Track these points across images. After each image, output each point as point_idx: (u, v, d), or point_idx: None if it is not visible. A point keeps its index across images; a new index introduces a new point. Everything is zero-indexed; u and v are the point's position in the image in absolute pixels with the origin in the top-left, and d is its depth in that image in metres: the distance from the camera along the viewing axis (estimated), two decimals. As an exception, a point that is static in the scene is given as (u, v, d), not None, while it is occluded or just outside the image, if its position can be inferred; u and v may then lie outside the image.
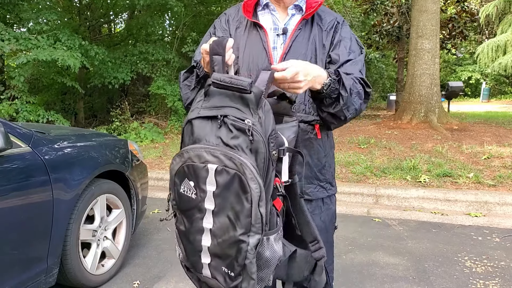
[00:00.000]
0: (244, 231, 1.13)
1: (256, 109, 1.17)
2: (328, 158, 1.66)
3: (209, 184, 1.13)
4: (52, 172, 2.51)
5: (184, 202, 1.18)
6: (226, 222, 1.14)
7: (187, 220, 1.19)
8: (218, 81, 1.18)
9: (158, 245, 3.75)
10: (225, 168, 1.12)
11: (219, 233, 1.15)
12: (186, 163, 1.16)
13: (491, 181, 5.07)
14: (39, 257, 2.46)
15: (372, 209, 4.72)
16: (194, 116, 1.20)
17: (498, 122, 9.59)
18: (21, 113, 7.96)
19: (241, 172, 1.11)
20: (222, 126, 1.16)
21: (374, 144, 7.18)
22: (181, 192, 1.18)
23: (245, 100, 1.18)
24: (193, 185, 1.16)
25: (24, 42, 7.75)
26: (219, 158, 1.12)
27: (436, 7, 8.80)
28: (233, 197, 1.13)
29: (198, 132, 1.18)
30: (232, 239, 1.14)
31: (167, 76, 10.75)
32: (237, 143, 1.14)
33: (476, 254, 3.52)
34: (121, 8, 12.88)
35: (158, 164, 6.76)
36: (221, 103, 1.19)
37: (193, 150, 1.15)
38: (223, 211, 1.14)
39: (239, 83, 1.16)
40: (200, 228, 1.17)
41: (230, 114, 1.16)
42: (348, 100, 1.42)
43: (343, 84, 1.40)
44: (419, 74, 8.83)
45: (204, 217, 1.16)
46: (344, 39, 1.59)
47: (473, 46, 27.99)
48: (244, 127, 1.14)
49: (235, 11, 1.70)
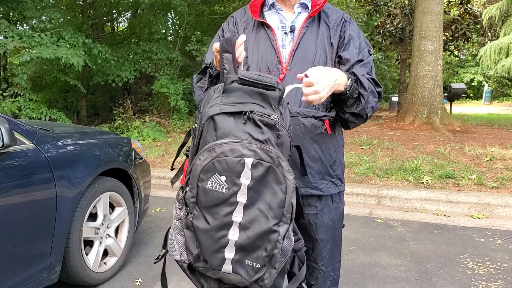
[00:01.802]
0: (277, 221, 1.17)
1: (277, 106, 1.22)
2: (339, 154, 1.68)
3: (244, 178, 1.14)
4: (55, 169, 2.52)
5: (211, 197, 1.16)
6: (258, 214, 1.15)
7: (211, 216, 1.17)
8: (246, 77, 1.20)
9: (160, 243, 3.75)
10: (260, 161, 1.14)
11: (249, 225, 1.16)
12: (217, 158, 1.15)
13: (494, 183, 5.06)
14: (42, 254, 2.46)
15: (374, 210, 4.72)
16: (216, 112, 1.20)
17: (501, 124, 9.58)
18: (24, 111, 7.97)
19: (276, 164, 1.15)
20: (247, 121, 1.18)
21: (376, 145, 7.17)
22: (208, 188, 1.16)
23: (265, 97, 1.21)
24: (225, 180, 1.15)
25: (28, 40, 7.76)
26: (256, 151, 1.15)
27: (439, 8, 8.79)
28: (267, 189, 1.16)
29: (222, 127, 1.19)
30: (265, 230, 1.16)
31: (170, 75, 10.77)
32: (266, 138, 1.18)
33: (479, 255, 3.51)
34: (124, 7, 12.90)
35: (160, 163, 6.76)
36: (241, 99, 1.21)
37: (226, 145, 1.15)
38: (255, 203, 1.16)
39: (268, 80, 1.20)
40: (228, 222, 1.16)
41: (255, 110, 1.18)
42: (368, 98, 1.48)
43: (362, 84, 1.46)
44: (422, 75, 8.82)
45: (234, 211, 1.16)
46: (353, 38, 1.61)
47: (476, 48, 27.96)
48: (271, 122, 1.18)
49: (242, 13, 1.72)
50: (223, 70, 1.29)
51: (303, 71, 1.51)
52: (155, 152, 7.38)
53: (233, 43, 1.30)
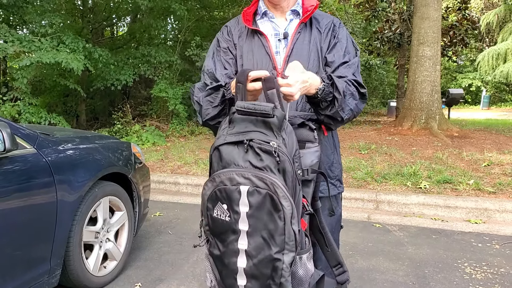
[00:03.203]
0: (279, 249, 1.18)
1: (279, 132, 1.24)
2: (336, 155, 1.71)
3: (242, 205, 1.18)
4: (56, 173, 2.53)
5: (218, 225, 1.21)
6: (261, 241, 1.18)
7: (221, 243, 1.22)
8: (242, 108, 1.25)
9: (159, 248, 3.77)
10: (256, 188, 1.17)
11: (254, 253, 1.19)
12: (218, 187, 1.20)
13: (491, 188, 5.09)
14: (42, 258, 2.47)
15: (373, 215, 4.74)
16: (221, 142, 1.26)
17: (498, 130, 9.62)
18: (24, 115, 8.00)
19: (272, 191, 1.16)
20: (248, 150, 1.22)
21: (374, 149, 7.20)
22: (215, 216, 1.21)
23: (268, 124, 1.25)
24: (226, 208, 1.20)
25: (28, 44, 7.79)
26: (251, 179, 1.18)
27: (437, 14, 8.84)
28: (266, 216, 1.17)
29: (226, 157, 1.24)
30: (268, 258, 1.18)
31: (169, 79, 10.80)
32: (265, 165, 1.20)
33: (476, 260, 3.53)
34: (124, 12, 12.95)
35: (159, 167, 6.78)
36: (246, 128, 1.26)
37: (224, 174, 1.20)
38: (257, 231, 1.18)
39: (262, 108, 1.23)
40: (235, 249, 1.21)
41: (255, 138, 1.22)
42: (342, 102, 1.48)
43: (337, 87, 1.47)
44: (420, 81, 8.86)
45: (238, 239, 1.20)
46: (340, 40, 1.66)
47: (474, 53, 28.10)
48: (270, 149, 1.21)
49: (235, 22, 1.76)
50: (236, 100, 1.35)
51: None
52: (155, 157, 7.40)
53: (246, 75, 1.35)
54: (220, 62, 1.68)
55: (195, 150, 7.87)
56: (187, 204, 5.27)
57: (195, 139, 9.50)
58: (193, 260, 3.50)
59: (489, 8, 26.95)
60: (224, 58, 1.69)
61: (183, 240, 3.95)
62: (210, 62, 1.70)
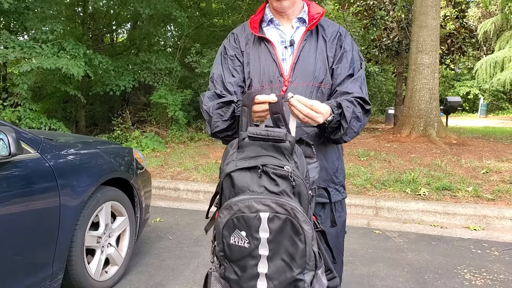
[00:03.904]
0: (301, 270, 1.20)
1: (290, 155, 1.26)
2: (340, 161, 1.74)
3: (262, 232, 1.19)
4: (59, 178, 2.55)
5: (236, 252, 1.21)
6: (282, 264, 1.20)
7: (239, 268, 1.22)
8: (255, 135, 1.25)
9: (160, 253, 3.78)
10: (276, 214, 1.18)
11: (275, 275, 1.20)
12: (235, 215, 1.20)
13: (490, 195, 5.11)
14: (45, 262, 2.48)
15: (372, 221, 4.76)
16: (232, 169, 1.25)
17: (496, 138, 9.66)
18: (24, 120, 8.01)
19: (292, 216, 1.18)
20: (262, 175, 1.22)
21: (373, 156, 7.23)
22: (232, 243, 1.21)
23: (279, 148, 1.25)
24: (245, 235, 1.20)
25: (29, 51, 7.81)
26: (270, 206, 1.18)
27: (436, 23, 8.91)
28: (287, 240, 1.19)
29: (239, 183, 1.23)
30: (290, 280, 1.20)
31: (169, 85, 10.82)
32: (281, 189, 1.21)
33: (476, 267, 3.55)
34: (124, 18, 13.00)
35: (159, 173, 6.79)
36: (255, 153, 1.26)
37: (241, 202, 1.20)
38: (277, 255, 1.19)
39: (275, 134, 1.24)
40: (254, 274, 1.21)
41: (268, 162, 1.22)
42: (348, 130, 1.54)
43: (344, 116, 1.51)
44: (418, 88, 8.91)
45: (258, 263, 1.20)
46: (347, 51, 1.68)
47: (471, 61, 28.26)
48: (285, 173, 1.21)
49: (241, 29, 1.79)
50: (241, 122, 1.36)
51: (304, 82, 1.59)
52: (154, 162, 7.41)
53: (252, 98, 1.37)
54: (228, 69, 1.70)
55: (195, 156, 7.89)
56: (187, 210, 5.28)
57: (195, 145, 9.52)
58: (193, 265, 3.51)
59: (486, 17, 27.13)
60: (231, 65, 1.71)
61: (183, 246, 3.96)
62: (218, 69, 1.72)
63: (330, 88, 1.65)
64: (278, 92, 1.59)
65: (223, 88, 1.66)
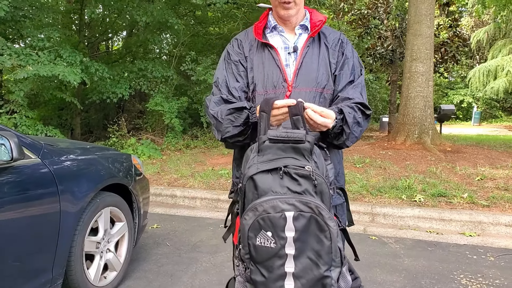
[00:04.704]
0: (327, 267, 1.23)
1: (310, 156, 1.29)
2: (341, 165, 1.77)
3: (288, 231, 1.21)
4: (60, 183, 2.56)
5: (262, 253, 1.23)
6: (308, 262, 1.22)
7: (265, 269, 1.24)
8: (275, 137, 1.29)
9: (158, 259, 3.79)
10: (301, 213, 1.20)
11: (302, 274, 1.22)
12: (260, 216, 1.22)
13: (485, 202, 5.16)
14: (44, 267, 2.49)
15: (369, 227, 4.78)
16: (254, 172, 1.27)
17: (490, 145, 9.74)
18: (20, 127, 8.00)
19: (316, 213, 1.21)
20: (283, 176, 1.25)
21: (369, 163, 7.27)
22: (258, 245, 1.23)
23: (298, 149, 1.29)
24: (271, 235, 1.21)
25: (25, 58, 7.82)
26: (295, 205, 1.21)
27: (430, 31, 9.00)
28: (312, 238, 1.22)
29: (262, 185, 1.26)
30: (317, 277, 1.22)
31: (165, 93, 10.85)
32: (304, 189, 1.24)
33: (472, 272, 3.58)
34: (120, 26, 13.04)
35: (156, 180, 6.79)
36: (276, 155, 1.29)
37: (267, 203, 1.22)
38: (303, 253, 1.21)
39: (295, 136, 1.28)
40: (282, 274, 1.23)
41: (289, 164, 1.26)
42: (350, 135, 1.58)
43: (346, 122, 1.55)
44: (413, 96, 8.98)
45: (285, 263, 1.22)
46: (348, 58, 1.73)
47: (465, 70, 28.51)
48: (306, 173, 1.24)
49: (245, 35, 1.82)
50: (259, 127, 1.39)
51: (307, 88, 1.63)
52: (151, 170, 7.41)
53: (271, 104, 1.40)
54: (232, 74, 1.73)
55: (191, 163, 7.90)
56: (184, 217, 5.28)
57: (191, 152, 9.53)
58: (192, 271, 3.52)
59: (479, 26, 27.43)
60: (236, 71, 1.73)
61: (181, 252, 3.97)
62: (222, 74, 1.74)
63: (332, 94, 1.69)
64: (282, 97, 1.63)
65: (228, 92, 1.69)
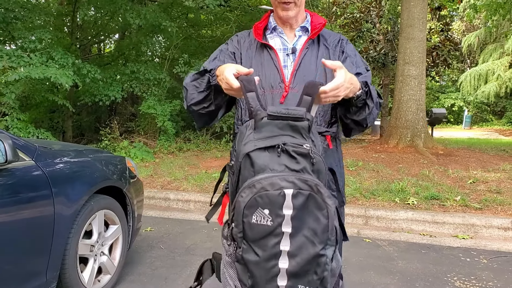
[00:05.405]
0: (323, 245, 1.21)
1: (308, 134, 1.28)
2: (339, 168, 1.76)
3: (286, 209, 1.19)
4: (54, 186, 2.54)
5: (257, 231, 1.20)
6: (304, 241, 1.20)
7: (259, 248, 1.21)
8: (275, 113, 1.27)
9: (151, 262, 3.76)
10: (299, 191, 1.19)
11: (297, 252, 1.20)
12: (258, 193, 1.19)
13: (478, 205, 5.19)
14: (38, 270, 2.46)
15: (362, 230, 4.80)
16: (252, 148, 1.25)
17: (481, 149, 9.81)
18: (11, 130, 7.91)
19: (315, 191, 1.19)
20: (281, 154, 1.23)
21: (362, 166, 7.29)
22: (253, 223, 1.20)
23: (295, 128, 1.27)
24: (268, 213, 1.19)
25: (17, 60, 7.76)
26: (294, 182, 1.19)
27: (422, 35, 9.07)
28: (310, 216, 1.20)
29: (259, 162, 1.23)
30: (312, 255, 1.20)
31: (158, 95, 10.81)
32: (302, 167, 1.23)
33: (465, 274, 3.60)
34: (112, 29, 12.99)
35: (149, 183, 6.76)
36: (273, 133, 1.27)
37: (265, 180, 1.19)
38: (300, 231, 1.20)
39: (296, 112, 1.26)
40: (276, 252, 1.20)
41: (287, 141, 1.24)
42: (372, 110, 1.56)
43: (371, 95, 1.54)
44: (405, 99, 9.03)
45: (281, 241, 1.20)
46: (350, 55, 1.74)
47: (456, 74, 28.73)
48: (305, 151, 1.23)
49: (246, 34, 1.83)
50: (250, 108, 1.36)
51: None
52: (144, 172, 7.38)
53: (254, 83, 1.39)
54: (222, 61, 1.73)
55: (184, 166, 7.88)
56: (177, 220, 5.26)
57: (184, 155, 9.50)
58: (186, 274, 3.51)
59: (470, 30, 27.69)
60: (227, 59, 1.74)
61: (175, 255, 3.95)
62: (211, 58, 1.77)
63: None
64: (278, 98, 1.63)
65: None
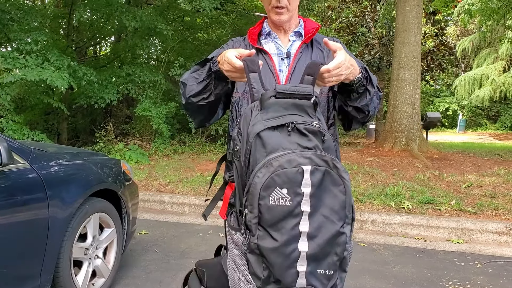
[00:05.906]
0: (342, 222, 1.19)
1: (314, 113, 1.27)
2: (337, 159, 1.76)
3: (305, 186, 1.15)
4: (49, 189, 2.53)
5: (276, 213, 1.15)
6: (322, 219, 1.17)
7: (277, 232, 1.16)
8: (284, 91, 1.26)
9: (146, 265, 3.75)
10: (316, 167, 1.16)
11: (317, 233, 1.17)
12: (275, 172, 1.15)
13: (472, 209, 5.21)
14: (32, 273, 2.45)
15: (357, 234, 4.80)
16: (261, 128, 1.22)
17: (476, 153, 9.86)
18: (6, 132, 7.89)
19: (331, 167, 1.18)
20: (291, 132, 1.21)
21: (357, 170, 7.31)
22: (271, 204, 1.15)
23: (301, 107, 1.26)
24: (286, 192, 1.15)
25: (12, 62, 7.73)
26: (311, 158, 1.17)
27: (417, 39, 9.11)
28: (327, 193, 1.18)
29: (270, 142, 1.21)
30: (333, 234, 1.18)
31: (153, 98, 10.79)
32: (314, 144, 1.21)
33: (460, 279, 3.60)
34: (108, 31, 12.97)
35: (144, 186, 6.74)
36: (279, 113, 1.25)
37: (282, 157, 1.16)
38: (317, 210, 1.17)
39: (304, 90, 1.26)
40: (296, 234, 1.16)
41: (296, 120, 1.22)
42: (373, 95, 1.54)
43: (371, 80, 1.52)
44: (400, 103, 9.07)
45: (300, 222, 1.16)
46: None
47: (450, 78, 28.88)
48: (315, 128, 1.22)
49: (241, 39, 1.83)
50: (252, 89, 1.35)
51: None
52: (139, 175, 7.36)
53: (258, 64, 1.38)
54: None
55: (179, 169, 7.86)
56: (172, 223, 5.25)
57: (179, 158, 9.49)
58: (180, 278, 3.48)
59: (465, 35, 27.85)
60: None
61: (170, 258, 3.94)
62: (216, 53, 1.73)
63: (327, 96, 1.69)
64: None
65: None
